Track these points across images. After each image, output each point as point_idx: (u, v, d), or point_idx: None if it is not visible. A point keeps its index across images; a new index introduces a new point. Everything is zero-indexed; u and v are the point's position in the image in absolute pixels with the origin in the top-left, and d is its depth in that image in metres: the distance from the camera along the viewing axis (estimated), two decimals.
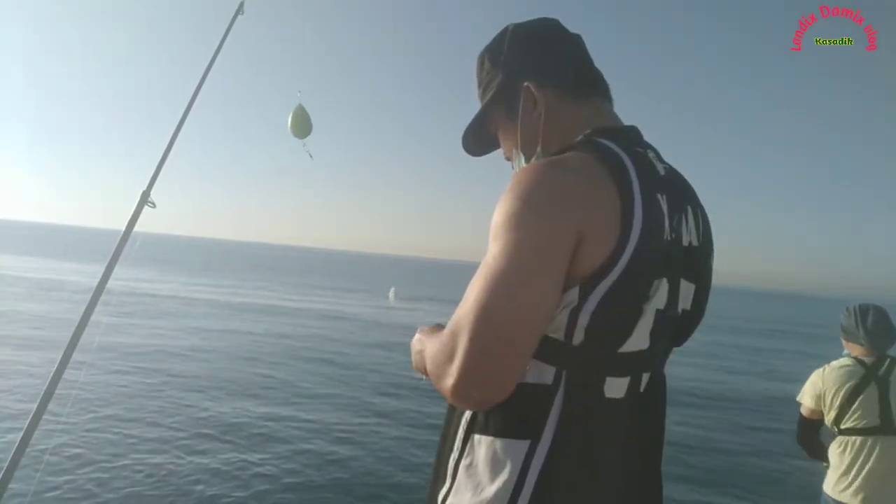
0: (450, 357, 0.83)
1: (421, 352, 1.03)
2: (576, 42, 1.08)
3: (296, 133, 2.15)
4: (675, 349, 1.07)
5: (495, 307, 0.79)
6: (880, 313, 2.72)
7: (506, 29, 1.09)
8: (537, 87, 1.02)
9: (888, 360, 2.64)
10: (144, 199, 2.12)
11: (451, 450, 0.95)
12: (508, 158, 1.13)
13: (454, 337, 0.83)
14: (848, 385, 2.61)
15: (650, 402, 0.96)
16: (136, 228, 2.11)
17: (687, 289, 0.97)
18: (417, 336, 1.10)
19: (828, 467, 2.75)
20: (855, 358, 2.69)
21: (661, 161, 0.99)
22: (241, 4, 2.38)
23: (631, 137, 0.99)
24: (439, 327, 1.03)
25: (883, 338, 2.67)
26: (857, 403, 2.58)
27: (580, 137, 0.96)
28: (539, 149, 1.03)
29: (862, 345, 2.69)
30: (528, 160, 1.05)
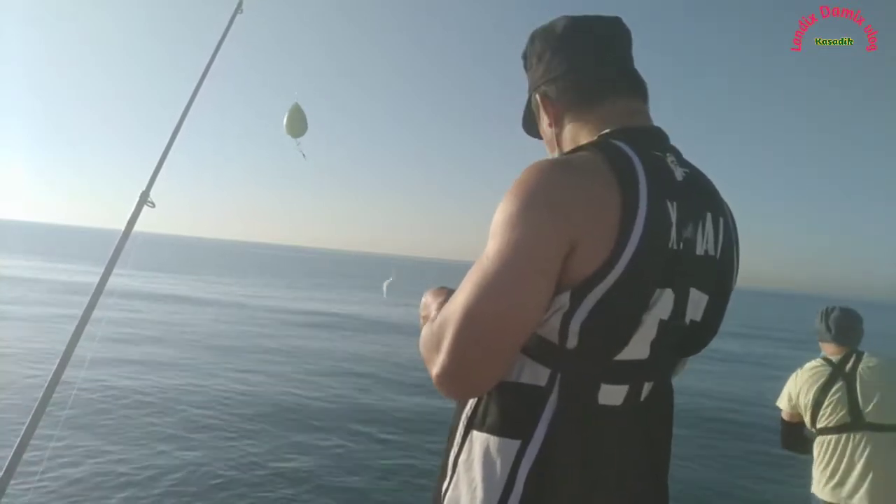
0: (436, 347, 0.86)
1: (426, 315, 1.07)
2: (600, 39, 1.03)
3: (291, 132, 2.15)
4: (688, 358, 1.05)
5: (480, 311, 0.82)
6: (845, 311, 2.81)
7: (532, 34, 1.10)
8: (545, 98, 1.05)
9: (854, 355, 2.69)
10: (144, 199, 2.13)
11: (453, 444, 0.97)
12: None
13: (442, 329, 0.86)
14: (816, 386, 2.67)
15: (652, 412, 0.94)
16: (136, 228, 2.11)
17: (698, 298, 0.94)
18: (426, 296, 1.13)
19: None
20: (824, 358, 2.76)
21: (683, 165, 0.95)
22: (240, 3, 2.38)
23: (651, 139, 0.96)
24: (446, 291, 1.08)
25: (846, 333, 2.75)
26: (826, 403, 2.64)
27: (596, 137, 0.95)
28: (556, 154, 1.05)
29: (830, 342, 2.77)
30: None
